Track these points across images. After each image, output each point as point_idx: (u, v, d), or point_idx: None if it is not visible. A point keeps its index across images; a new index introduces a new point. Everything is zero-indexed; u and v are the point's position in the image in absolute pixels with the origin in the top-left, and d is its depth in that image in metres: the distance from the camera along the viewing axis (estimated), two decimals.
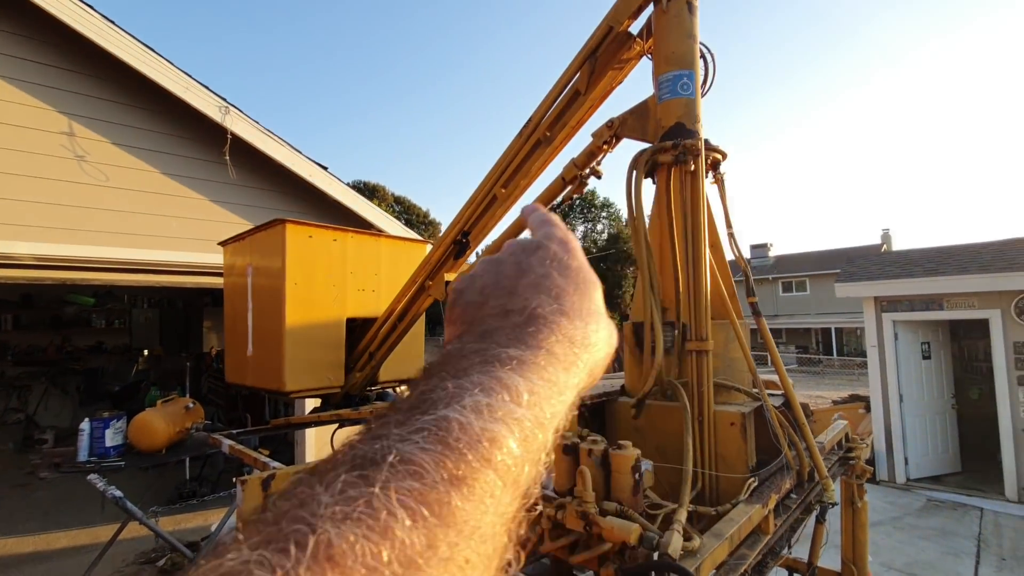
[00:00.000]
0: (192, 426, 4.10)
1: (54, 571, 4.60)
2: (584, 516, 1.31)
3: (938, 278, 6.96)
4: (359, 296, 3.87)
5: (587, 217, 44.05)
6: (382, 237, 4.26)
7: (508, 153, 2.75)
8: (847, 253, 24.79)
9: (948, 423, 7.67)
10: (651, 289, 1.76)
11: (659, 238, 2.01)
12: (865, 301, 7.61)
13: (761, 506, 1.60)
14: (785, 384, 2.03)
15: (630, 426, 1.95)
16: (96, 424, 3.85)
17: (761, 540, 1.63)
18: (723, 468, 1.76)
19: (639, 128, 2.26)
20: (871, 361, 7.58)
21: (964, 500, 6.61)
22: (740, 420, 1.74)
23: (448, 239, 2.98)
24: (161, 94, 5.04)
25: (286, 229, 3.46)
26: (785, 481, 1.82)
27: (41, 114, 4.65)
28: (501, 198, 2.80)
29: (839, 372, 22.67)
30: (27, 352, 9.54)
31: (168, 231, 5.18)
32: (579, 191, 2.51)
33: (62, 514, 5.80)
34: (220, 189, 5.47)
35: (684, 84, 2.12)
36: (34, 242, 4.61)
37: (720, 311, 1.91)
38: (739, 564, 1.49)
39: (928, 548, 5.16)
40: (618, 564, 1.35)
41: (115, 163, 4.96)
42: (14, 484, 6.98)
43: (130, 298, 10.37)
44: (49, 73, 4.70)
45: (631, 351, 2.10)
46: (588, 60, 2.39)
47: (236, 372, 4.10)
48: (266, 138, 5.49)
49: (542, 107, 2.59)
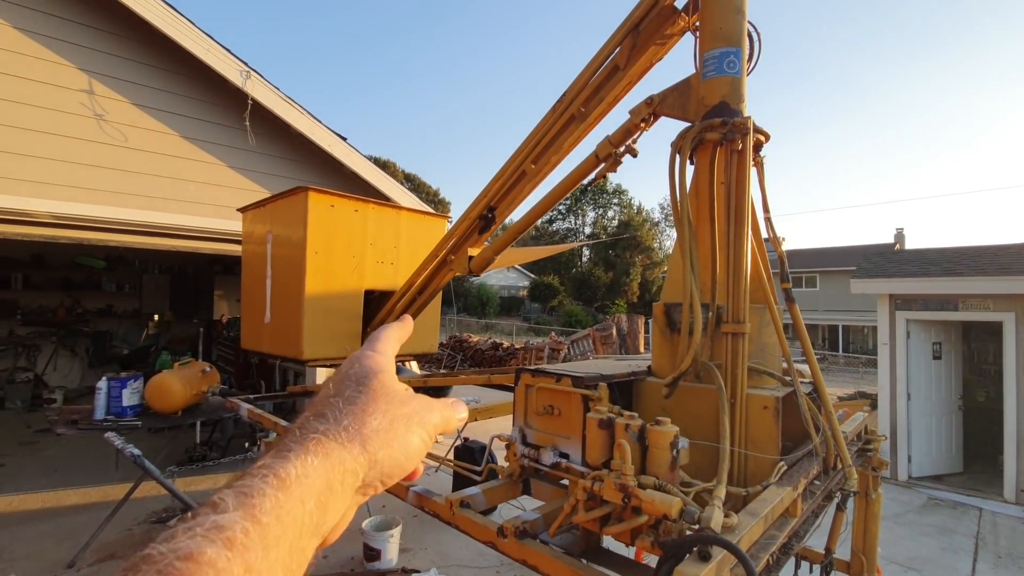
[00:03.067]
0: (208, 390, 4.13)
1: (64, 527, 4.69)
2: (623, 488, 1.31)
3: (956, 278, 6.90)
4: (378, 268, 3.87)
5: (598, 203, 43.77)
6: (402, 210, 4.23)
7: (540, 128, 2.70)
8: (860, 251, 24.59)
9: (954, 424, 7.68)
10: (691, 270, 1.74)
11: (696, 219, 1.98)
12: (880, 298, 7.56)
13: (791, 489, 1.61)
14: (815, 372, 2.02)
15: (658, 405, 1.95)
16: (114, 383, 3.88)
17: (789, 523, 1.64)
18: (753, 450, 1.76)
19: (680, 106, 2.22)
20: (881, 358, 7.56)
21: (964, 500, 6.65)
22: (774, 404, 1.73)
23: (474, 213, 2.95)
24: (182, 55, 4.98)
25: (309, 197, 3.44)
26: (813, 467, 1.82)
27: (61, 70, 4.60)
28: (530, 174, 2.77)
29: (844, 369, 22.68)
30: (37, 312, 9.62)
31: (185, 195, 5.16)
32: (613, 169, 2.48)
33: (71, 472, 5.88)
34: (239, 155, 5.44)
35: (731, 62, 2.06)
36: (50, 200, 4.60)
37: (757, 295, 1.90)
38: (769, 544, 1.50)
39: (928, 544, 5.22)
40: (653, 537, 1.36)
41: (134, 124, 4.93)
42: (22, 442, 7.08)
43: (141, 263, 10.40)
44: (69, 28, 4.64)
45: (661, 332, 2.09)
46: (630, 34, 2.33)
47: (252, 339, 4.12)
48: (287, 106, 5.44)
49: (578, 82, 2.54)
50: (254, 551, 0.27)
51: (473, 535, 1.73)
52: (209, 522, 0.27)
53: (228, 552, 0.26)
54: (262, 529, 0.28)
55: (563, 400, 1.85)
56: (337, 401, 0.40)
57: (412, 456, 0.41)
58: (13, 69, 4.39)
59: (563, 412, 1.85)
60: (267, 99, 5.33)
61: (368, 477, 0.37)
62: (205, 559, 0.25)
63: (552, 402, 1.89)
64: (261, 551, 0.28)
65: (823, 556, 2.39)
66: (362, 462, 0.37)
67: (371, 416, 0.39)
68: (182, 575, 0.24)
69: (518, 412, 2.01)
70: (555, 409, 1.87)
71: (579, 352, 15.39)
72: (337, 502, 0.35)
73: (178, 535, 0.27)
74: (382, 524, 3.93)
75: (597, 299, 38.16)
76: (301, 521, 0.31)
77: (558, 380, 1.87)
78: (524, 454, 1.92)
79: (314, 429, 0.37)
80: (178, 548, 0.26)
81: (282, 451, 0.34)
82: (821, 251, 31.22)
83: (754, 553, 1.41)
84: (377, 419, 0.39)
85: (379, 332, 0.50)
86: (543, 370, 1.98)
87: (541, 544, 1.60)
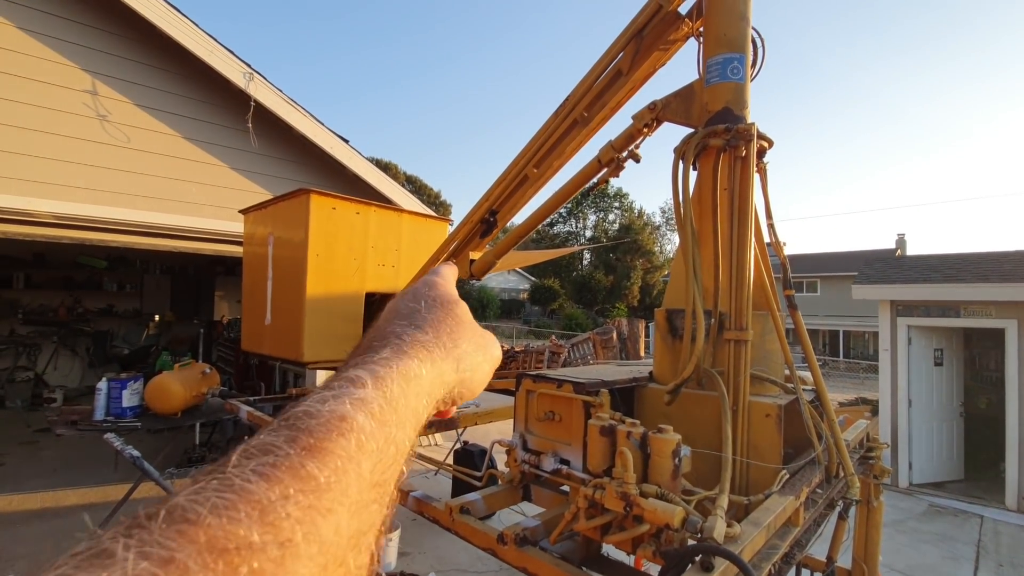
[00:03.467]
0: (208, 391, 4.12)
1: (63, 528, 4.67)
2: (625, 497, 1.30)
3: (957, 285, 6.89)
4: (379, 271, 3.86)
5: (599, 207, 43.78)
6: (404, 213, 4.23)
7: (542, 132, 2.70)
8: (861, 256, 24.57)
9: (955, 431, 7.66)
10: (694, 276, 1.73)
11: (699, 224, 1.97)
12: (881, 304, 7.55)
13: (794, 498, 1.60)
14: (818, 380, 2.01)
15: (660, 412, 1.94)
16: (114, 384, 3.88)
17: (791, 532, 1.62)
18: (755, 459, 1.75)
19: (683, 112, 2.21)
20: (882, 365, 7.55)
21: (965, 507, 6.63)
22: (776, 412, 1.72)
23: (476, 217, 2.95)
24: (186, 57, 4.99)
25: (311, 199, 3.44)
26: (815, 475, 1.81)
27: (65, 71, 4.61)
28: (533, 178, 2.77)
29: (844, 374, 22.63)
30: (38, 311, 9.61)
31: (187, 196, 5.16)
32: (615, 174, 2.47)
33: (71, 472, 5.87)
34: (241, 157, 5.44)
35: (734, 68, 2.06)
36: (53, 200, 4.60)
37: (760, 301, 1.89)
38: (772, 554, 1.49)
39: (929, 552, 5.19)
40: (654, 547, 1.35)
41: (137, 124, 4.93)
42: (22, 441, 7.06)
43: (142, 263, 10.40)
44: (73, 29, 4.65)
45: (663, 338, 2.08)
46: (634, 39, 2.33)
47: (253, 340, 4.11)
48: (289, 107, 5.44)
49: (581, 86, 2.54)
50: (389, 427, 0.30)
51: (473, 542, 1.72)
52: (356, 395, 0.30)
53: (372, 422, 0.29)
54: (393, 411, 0.32)
55: (564, 406, 1.84)
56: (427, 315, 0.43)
57: (483, 381, 0.45)
58: (17, 69, 4.40)
59: (564, 418, 1.84)
60: (270, 101, 5.33)
61: (451, 386, 0.41)
62: (357, 423, 0.28)
63: (553, 408, 1.88)
64: (394, 428, 0.31)
65: (825, 564, 2.38)
66: (454, 378, 0.41)
67: (462, 339, 0.43)
68: (341, 432, 0.27)
69: (519, 417, 2.00)
70: (556, 415, 1.86)
71: (579, 356, 15.36)
72: (431, 406, 0.38)
73: (329, 400, 0.29)
74: None
75: (597, 303, 38.15)
76: (417, 413, 0.35)
77: (559, 386, 1.86)
78: (525, 460, 1.91)
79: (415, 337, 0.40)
80: (334, 410, 0.28)
81: (398, 350, 0.37)
82: (822, 256, 31.20)
83: (756, 563, 1.40)
84: (465, 343, 0.43)
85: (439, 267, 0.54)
86: (544, 376, 1.97)
87: (541, 551, 1.59)
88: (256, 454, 0.25)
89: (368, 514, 0.28)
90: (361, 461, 0.28)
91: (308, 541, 0.23)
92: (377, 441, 0.29)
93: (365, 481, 0.28)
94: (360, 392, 0.31)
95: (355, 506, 0.26)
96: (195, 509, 0.21)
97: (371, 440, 0.29)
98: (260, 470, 0.24)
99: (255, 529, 0.22)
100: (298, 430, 0.27)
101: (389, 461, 0.30)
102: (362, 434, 0.28)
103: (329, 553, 0.24)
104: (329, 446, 0.26)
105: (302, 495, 0.24)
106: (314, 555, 0.23)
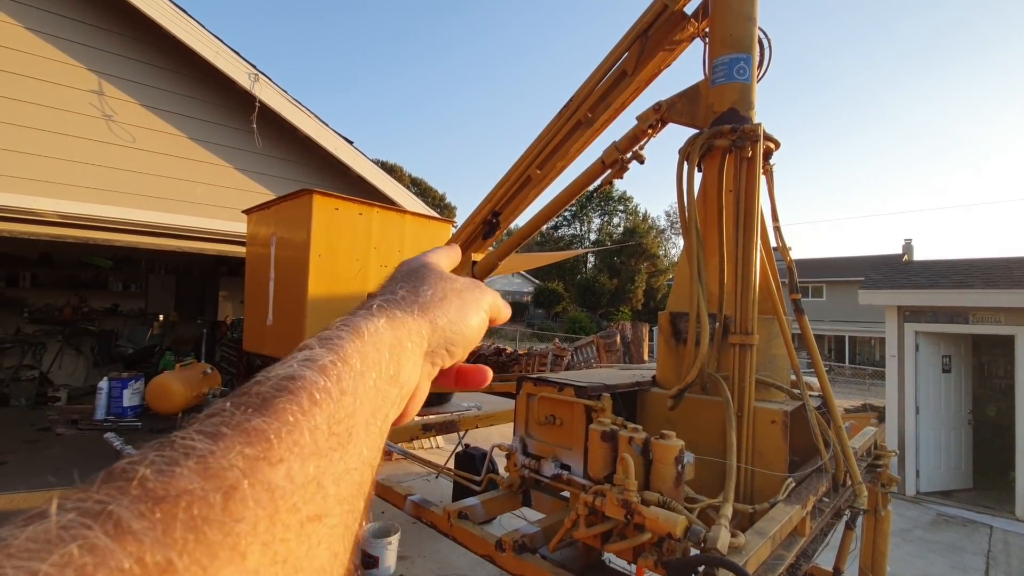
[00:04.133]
0: (209, 391, 4.11)
1: None
2: (626, 504, 1.27)
3: (966, 291, 6.81)
4: (381, 272, 3.84)
5: (604, 210, 43.73)
6: (407, 214, 4.21)
7: (545, 134, 2.68)
8: (867, 261, 24.38)
9: (963, 438, 7.56)
10: (699, 279, 1.70)
11: (704, 227, 1.94)
12: (888, 310, 7.47)
13: (800, 507, 1.56)
14: (825, 386, 1.97)
15: (663, 417, 1.91)
16: (115, 384, 3.87)
17: (797, 542, 1.59)
18: (760, 466, 1.71)
19: (688, 112, 2.19)
20: (889, 371, 7.46)
21: (974, 517, 6.52)
22: (782, 418, 1.68)
23: (478, 218, 2.93)
24: (191, 57, 5.00)
25: (313, 200, 3.43)
26: (822, 484, 1.77)
27: (71, 71, 4.63)
28: (536, 179, 2.74)
29: (850, 380, 22.44)
30: (44, 310, 9.65)
31: (192, 196, 5.17)
32: (619, 175, 2.45)
33: (73, 472, 5.87)
34: (246, 157, 5.45)
35: (740, 68, 2.04)
36: (59, 199, 4.62)
37: (765, 305, 1.85)
38: (777, 564, 1.45)
39: (937, 562, 5.11)
40: (656, 556, 1.31)
41: (143, 125, 4.94)
42: (25, 440, 7.07)
43: (147, 263, 10.44)
44: (80, 30, 4.67)
45: (667, 342, 2.05)
46: (639, 39, 2.31)
47: (254, 341, 4.11)
48: (294, 108, 5.45)
49: (585, 87, 2.52)
50: (345, 379, 0.30)
51: (471, 548, 1.69)
52: (301, 356, 0.31)
53: (324, 376, 0.29)
54: (348, 364, 0.31)
55: (565, 410, 1.81)
56: (391, 283, 0.44)
57: (473, 328, 0.44)
58: (24, 69, 4.42)
59: (565, 423, 1.81)
60: (275, 102, 5.34)
61: (432, 342, 0.40)
62: (307, 379, 0.28)
63: (554, 412, 1.85)
64: (350, 380, 0.31)
65: (831, 575, 2.32)
66: (424, 324, 0.40)
67: (425, 288, 0.43)
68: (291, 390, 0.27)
69: (519, 421, 1.97)
70: (557, 419, 1.83)
71: (583, 359, 15.29)
72: (408, 359, 0.37)
73: (277, 367, 0.30)
74: (381, 531, 3.88)
75: (601, 306, 38.04)
76: (380, 365, 0.34)
77: (560, 389, 1.83)
78: (524, 464, 1.88)
79: (375, 300, 0.40)
80: (281, 372, 0.29)
81: (351, 316, 0.37)
82: (827, 261, 30.99)
83: (761, 574, 1.36)
84: (430, 291, 0.43)
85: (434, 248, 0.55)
86: (545, 379, 1.94)
87: (540, 559, 1.56)
88: (202, 418, 0.25)
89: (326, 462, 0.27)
90: (315, 413, 0.28)
91: (255, 487, 0.23)
92: (331, 393, 0.29)
93: (320, 432, 0.28)
94: (307, 353, 0.31)
95: (309, 455, 0.26)
96: (133, 468, 0.22)
97: (324, 393, 0.29)
98: (204, 429, 0.24)
99: (195, 479, 0.22)
100: (247, 395, 0.27)
101: (347, 411, 0.30)
102: (314, 389, 0.28)
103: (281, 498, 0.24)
104: (279, 403, 0.27)
105: (248, 446, 0.24)
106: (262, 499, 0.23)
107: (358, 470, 0.30)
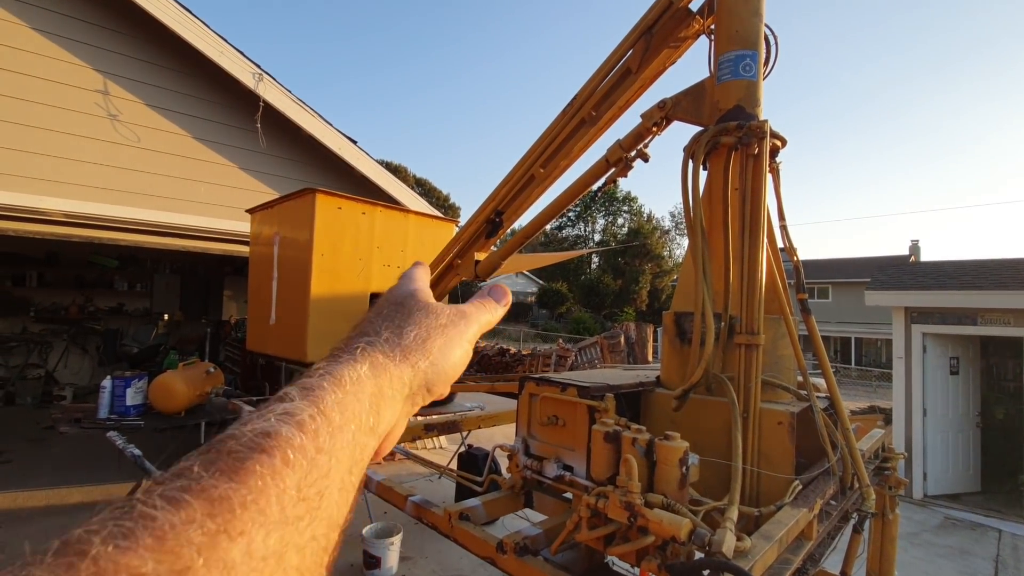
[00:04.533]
0: (212, 391, 4.12)
1: (66, 525, 4.65)
2: (629, 507, 1.24)
3: (975, 292, 6.74)
4: (384, 272, 3.83)
5: (608, 210, 43.66)
6: (410, 214, 4.20)
7: (549, 132, 2.66)
8: (874, 262, 24.24)
9: (971, 441, 7.48)
10: (704, 278, 1.68)
11: (709, 225, 1.91)
12: (895, 311, 7.41)
13: (807, 510, 1.53)
14: (832, 387, 1.94)
15: (667, 419, 1.88)
16: (117, 382, 3.87)
17: (804, 546, 1.56)
18: (766, 468, 1.68)
19: (693, 110, 2.16)
20: (896, 373, 7.40)
21: (982, 520, 6.45)
22: (788, 420, 1.65)
23: (481, 217, 2.91)
24: (196, 57, 5.01)
25: (316, 199, 3.42)
26: (829, 486, 1.74)
27: (77, 71, 4.65)
28: (539, 178, 2.72)
29: (856, 382, 22.28)
30: (50, 309, 9.71)
31: (197, 196, 5.18)
32: (623, 174, 2.42)
33: (77, 470, 5.89)
34: (250, 157, 5.45)
35: (747, 65, 2.01)
36: (64, 199, 4.63)
37: (771, 305, 1.82)
38: (783, 569, 1.42)
39: (945, 566, 5.05)
40: (660, 560, 1.29)
41: (147, 124, 4.96)
42: (30, 439, 7.10)
43: (152, 262, 10.48)
44: (85, 30, 4.68)
45: (671, 342, 2.02)
46: (643, 37, 2.29)
47: (258, 340, 4.11)
48: (298, 108, 5.45)
49: (589, 85, 2.49)
50: (322, 435, 0.29)
51: (472, 549, 1.67)
52: (280, 409, 0.30)
53: (301, 433, 0.28)
54: (326, 418, 0.30)
55: (568, 411, 1.79)
56: (377, 319, 0.43)
57: (456, 364, 0.44)
58: (30, 69, 4.44)
59: (568, 423, 1.79)
60: (279, 101, 5.34)
61: (414, 385, 0.40)
62: (283, 436, 0.27)
63: (557, 412, 1.83)
64: (327, 436, 0.30)
65: None
66: (406, 370, 0.39)
67: (409, 328, 0.42)
68: (264, 449, 0.26)
69: (521, 422, 1.95)
70: (559, 420, 1.81)
71: (586, 360, 15.27)
72: (388, 407, 0.37)
73: (254, 419, 0.29)
74: (383, 531, 3.86)
75: (605, 306, 37.97)
76: (359, 417, 0.33)
77: (563, 390, 1.81)
78: (527, 465, 1.85)
79: (359, 341, 0.39)
80: (257, 428, 0.28)
81: (334, 359, 0.37)
82: (833, 262, 30.81)
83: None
84: (414, 331, 0.42)
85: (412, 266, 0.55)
86: (548, 379, 1.92)
87: (542, 562, 1.54)
88: (169, 479, 0.24)
89: (291, 532, 0.26)
90: (286, 476, 0.26)
91: (210, 566, 0.22)
92: (306, 453, 0.28)
93: (289, 497, 0.26)
94: (285, 405, 0.30)
95: (274, 525, 0.25)
96: (89, 539, 0.21)
97: (299, 453, 0.27)
98: (168, 494, 0.23)
99: (149, 557, 0.21)
100: (218, 452, 0.26)
101: (321, 471, 0.29)
102: (289, 448, 0.27)
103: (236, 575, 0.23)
104: (249, 465, 0.25)
105: (209, 519, 0.23)
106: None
107: (325, 536, 0.29)
